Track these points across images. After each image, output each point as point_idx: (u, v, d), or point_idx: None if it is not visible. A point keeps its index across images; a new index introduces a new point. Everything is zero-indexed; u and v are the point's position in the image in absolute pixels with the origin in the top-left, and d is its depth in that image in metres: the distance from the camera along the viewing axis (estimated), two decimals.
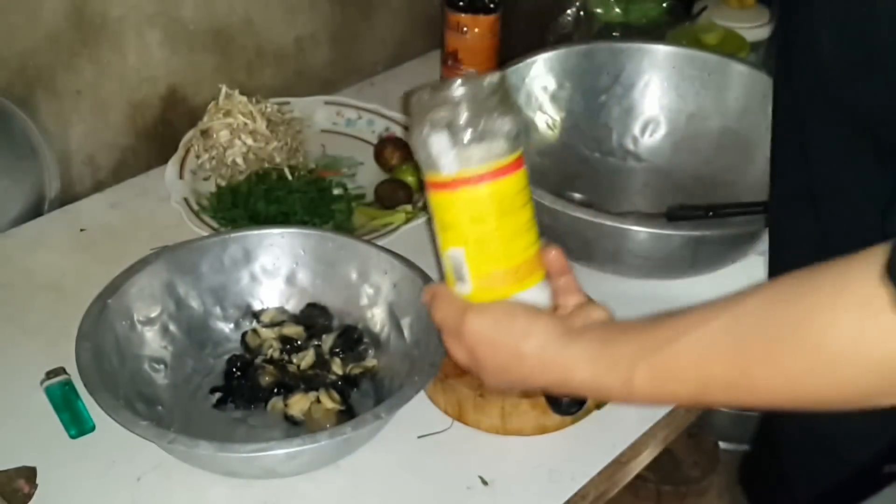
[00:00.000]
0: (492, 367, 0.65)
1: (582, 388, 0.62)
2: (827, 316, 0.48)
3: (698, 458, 1.55)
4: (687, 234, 0.89)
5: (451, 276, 0.67)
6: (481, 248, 0.65)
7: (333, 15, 1.30)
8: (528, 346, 0.62)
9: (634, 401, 0.60)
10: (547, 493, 0.77)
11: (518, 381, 0.65)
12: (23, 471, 0.76)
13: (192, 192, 1.07)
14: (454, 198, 0.64)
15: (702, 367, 0.55)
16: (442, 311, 0.67)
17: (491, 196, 0.64)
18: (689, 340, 0.55)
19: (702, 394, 0.56)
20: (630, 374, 0.57)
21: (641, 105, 1.13)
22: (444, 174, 0.64)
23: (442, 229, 0.66)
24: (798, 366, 0.50)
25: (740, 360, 0.53)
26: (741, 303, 0.53)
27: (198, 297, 0.87)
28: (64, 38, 1.04)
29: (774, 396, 0.53)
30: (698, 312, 0.56)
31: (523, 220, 0.66)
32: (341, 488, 0.77)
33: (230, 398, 0.83)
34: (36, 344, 0.88)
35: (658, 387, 0.57)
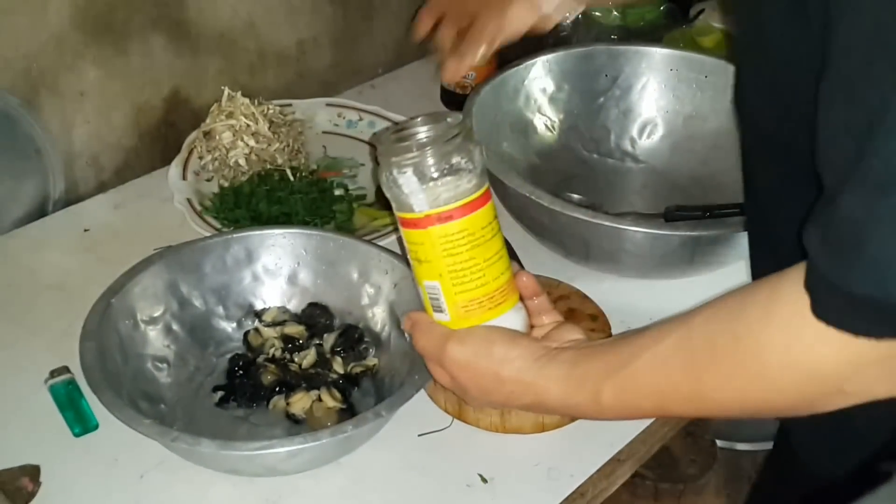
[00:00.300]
0: (474, 391, 0.70)
1: (556, 407, 0.67)
2: (762, 328, 0.52)
3: (696, 457, 1.55)
4: (684, 234, 0.90)
5: (428, 305, 0.72)
6: (456, 279, 0.69)
7: (335, 18, 1.31)
8: (507, 371, 0.67)
9: (605, 416, 0.65)
10: (546, 490, 0.77)
11: (499, 403, 0.71)
12: (26, 469, 0.76)
13: (194, 192, 1.07)
14: (426, 234, 0.68)
15: (659, 382, 0.59)
16: (423, 339, 0.72)
17: (461, 231, 0.67)
18: (646, 357, 0.59)
19: (663, 407, 0.61)
20: (597, 391, 0.62)
21: (639, 107, 1.13)
22: (415, 212, 0.67)
23: (417, 263, 0.70)
24: (742, 377, 0.54)
25: (692, 375, 0.57)
26: (690, 320, 0.57)
27: (200, 297, 0.88)
28: (68, 40, 1.05)
29: (726, 406, 0.58)
30: (655, 330, 0.60)
31: (494, 251, 0.70)
32: (342, 486, 0.77)
33: (232, 397, 0.84)
34: (40, 343, 0.89)
35: (624, 402, 0.62)
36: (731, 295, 0.56)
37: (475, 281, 0.69)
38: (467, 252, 0.68)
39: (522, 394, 0.67)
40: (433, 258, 0.68)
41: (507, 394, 0.67)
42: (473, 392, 0.70)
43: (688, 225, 0.89)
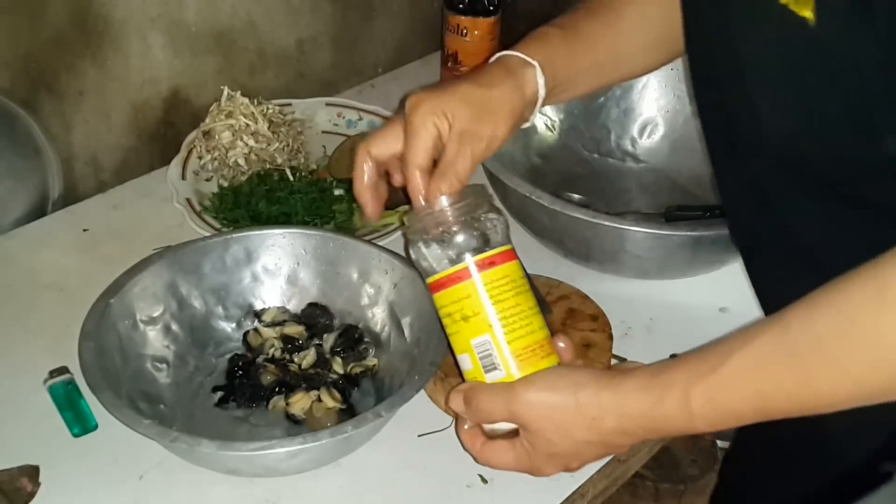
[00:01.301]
0: (552, 434, 0.64)
1: (640, 424, 0.61)
2: (879, 314, 0.51)
3: (696, 457, 1.55)
4: (685, 234, 0.90)
5: (479, 370, 0.68)
6: (507, 326, 0.67)
7: (335, 17, 1.31)
8: (584, 396, 0.62)
9: (697, 426, 0.59)
10: (546, 490, 0.77)
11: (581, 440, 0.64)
12: (26, 469, 0.76)
13: (194, 192, 1.07)
14: (471, 285, 0.67)
15: (759, 379, 0.56)
16: (484, 400, 0.66)
17: (505, 276, 0.68)
18: (740, 356, 0.56)
19: (764, 407, 0.57)
20: (686, 398, 0.58)
21: (640, 106, 1.13)
22: (458, 265, 0.67)
23: (462, 324, 0.68)
24: (860, 365, 0.52)
25: (797, 367, 0.55)
26: (783, 317, 0.55)
27: (200, 297, 0.88)
28: (67, 40, 1.05)
29: (838, 398, 0.55)
30: (740, 334, 0.57)
31: (533, 302, 0.69)
32: (342, 486, 0.77)
33: (232, 397, 0.84)
34: (39, 343, 0.89)
35: (718, 407, 0.58)
36: (824, 289, 0.54)
37: (525, 328, 0.67)
38: (513, 298, 0.67)
39: (604, 416, 0.62)
40: (480, 309, 0.67)
41: (587, 423, 0.62)
42: (551, 435, 0.64)
43: (688, 225, 0.89)
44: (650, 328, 0.94)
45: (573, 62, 0.77)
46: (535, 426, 0.64)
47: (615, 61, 0.80)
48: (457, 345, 0.69)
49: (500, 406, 0.65)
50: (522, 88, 0.74)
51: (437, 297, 0.69)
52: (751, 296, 0.78)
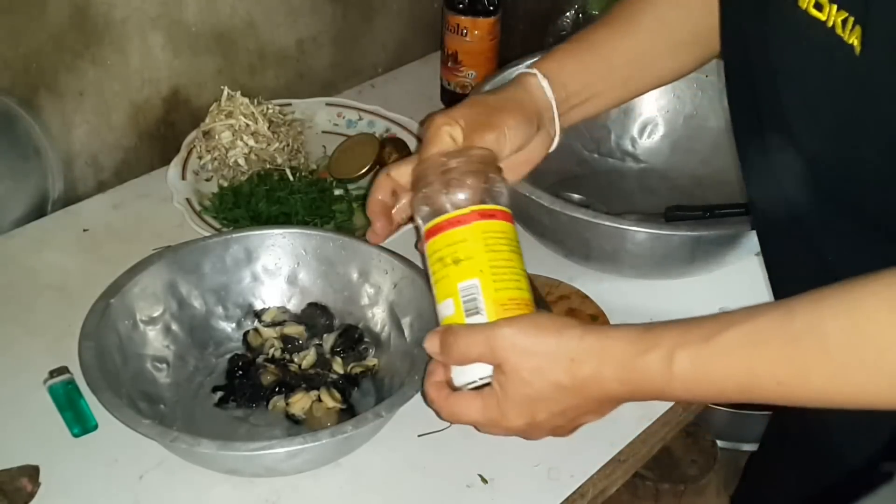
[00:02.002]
0: (525, 373, 0.61)
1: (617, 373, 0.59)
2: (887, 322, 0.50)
3: (696, 457, 1.55)
4: (685, 234, 0.90)
5: (460, 313, 0.67)
6: (497, 275, 0.67)
7: (335, 17, 1.31)
8: (567, 337, 0.60)
9: (674, 390, 0.57)
10: (546, 490, 0.77)
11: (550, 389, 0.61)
12: (26, 469, 0.76)
13: (194, 192, 1.07)
14: (469, 230, 0.68)
15: (752, 357, 0.54)
16: (463, 338, 0.63)
17: (503, 231, 0.69)
18: (737, 331, 0.55)
19: (749, 388, 0.56)
20: (670, 357, 0.56)
21: (640, 106, 1.13)
22: (463, 210, 0.68)
23: (451, 267, 0.68)
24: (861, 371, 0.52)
25: (796, 357, 0.53)
26: (791, 302, 0.54)
27: (200, 297, 0.88)
28: (67, 40, 1.05)
29: (830, 396, 0.54)
30: (743, 309, 0.55)
31: (524, 266, 0.70)
32: (342, 486, 0.77)
33: (232, 397, 0.84)
34: (39, 343, 0.89)
35: (700, 376, 0.56)
36: (836, 287, 0.53)
37: (514, 282, 0.67)
38: (508, 252, 0.68)
39: (583, 360, 0.59)
40: (475, 254, 0.67)
41: (566, 362, 0.59)
42: (525, 373, 0.60)
43: (688, 225, 0.89)
44: None
45: (586, 71, 0.77)
46: (511, 363, 0.61)
47: (637, 68, 0.80)
48: (442, 290, 0.68)
49: (478, 342, 0.62)
50: (529, 91, 0.75)
51: (432, 242, 0.69)
52: (751, 296, 0.78)
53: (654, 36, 0.79)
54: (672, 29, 0.79)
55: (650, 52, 0.80)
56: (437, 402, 0.66)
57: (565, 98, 0.76)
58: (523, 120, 0.73)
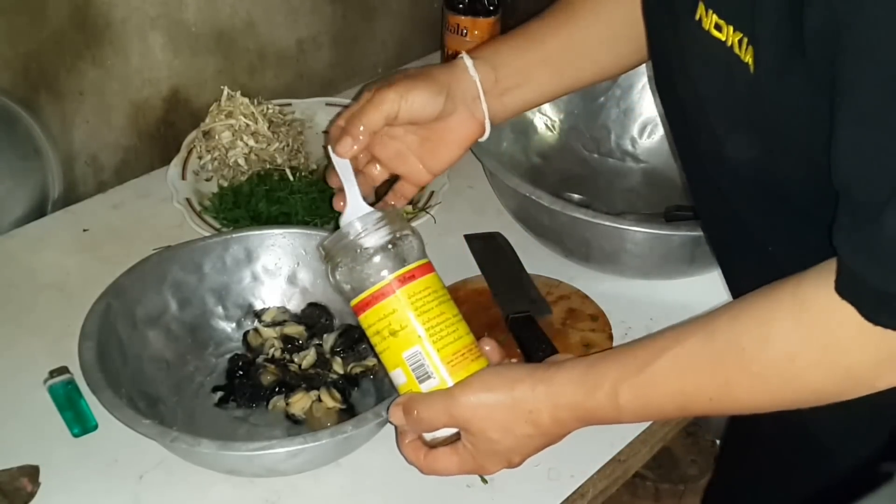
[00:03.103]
0: (493, 432, 0.66)
1: (573, 414, 0.64)
2: (795, 333, 0.55)
3: (696, 457, 1.55)
4: (685, 234, 0.90)
5: (413, 381, 0.70)
6: (435, 335, 0.69)
7: (335, 17, 1.31)
8: (520, 391, 0.65)
9: (624, 419, 0.63)
10: (546, 490, 0.77)
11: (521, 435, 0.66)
12: (26, 469, 0.76)
13: (194, 192, 1.07)
14: (395, 300, 0.69)
15: (684, 381, 0.60)
16: (424, 410, 0.67)
17: (426, 288, 0.70)
18: (668, 357, 0.60)
19: (686, 406, 0.62)
20: (615, 392, 0.61)
21: (640, 106, 1.13)
22: (381, 282, 0.69)
23: (391, 339, 0.70)
24: (775, 379, 0.57)
25: (719, 373, 0.58)
26: (712, 322, 0.59)
27: (200, 297, 0.88)
28: (67, 40, 1.05)
29: (754, 405, 0.59)
30: (673, 333, 0.61)
31: (455, 311, 0.72)
32: (342, 486, 0.77)
33: (232, 397, 0.84)
34: (39, 343, 0.89)
35: (644, 404, 0.62)
36: (750, 297, 0.58)
37: (452, 334, 0.70)
38: (437, 307, 0.70)
39: (540, 410, 0.64)
40: (408, 321, 0.69)
41: (525, 415, 0.65)
42: (492, 433, 0.66)
43: (688, 225, 0.89)
44: (650, 328, 0.94)
45: (520, 57, 0.79)
46: (476, 427, 0.66)
47: (572, 57, 0.81)
48: (388, 361, 0.71)
49: (440, 412, 0.67)
50: (452, 71, 0.77)
51: (364, 318, 0.71)
52: None
53: (590, 27, 0.80)
54: (608, 22, 0.81)
55: (585, 42, 0.81)
56: (416, 462, 0.71)
57: (495, 81, 0.77)
58: (429, 89, 0.74)
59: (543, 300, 0.91)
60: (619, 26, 0.81)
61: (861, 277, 0.52)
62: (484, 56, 0.78)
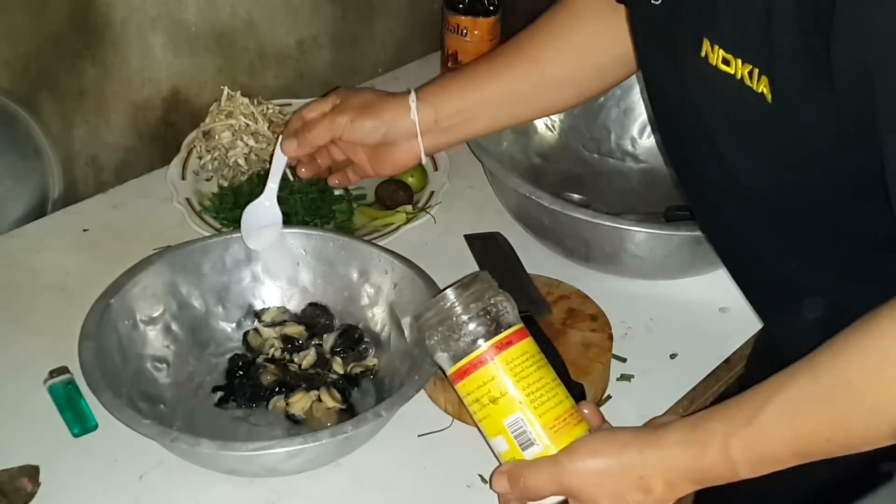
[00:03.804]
0: (603, 501, 0.65)
1: (686, 476, 0.63)
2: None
3: None
4: (685, 234, 0.90)
5: (515, 449, 0.69)
6: (536, 400, 0.69)
7: (335, 17, 1.31)
8: (628, 457, 0.64)
9: (740, 474, 0.62)
10: None
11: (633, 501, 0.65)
12: (26, 469, 0.76)
13: (194, 192, 1.07)
14: (493, 367, 0.69)
15: (795, 426, 0.59)
16: (531, 478, 0.67)
17: (524, 353, 0.70)
18: (775, 404, 0.59)
19: (804, 451, 0.60)
20: (726, 449, 0.60)
21: (640, 106, 1.13)
22: (477, 350, 0.69)
23: (491, 407, 0.69)
24: (889, 405, 0.55)
25: (831, 413, 0.57)
26: (815, 360, 0.58)
27: (200, 297, 0.88)
28: (67, 40, 1.05)
29: (878, 435, 0.57)
30: (776, 378, 0.60)
31: (553, 374, 0.71)
32: (342, 486, 0.77)
33: (232, 397, 0.84)
34: (39, 343, 0.89)
35: (758, 456, 0.60)
36: (849, 332, 0.57)
37: (553, 399, 0.69)
38: (536, 373, 0.69)
39: (651, 475, 0.63)
40: (506, 388, 0.69)
41: (636, 483, 0.64)
42: (603, 501, 0.65)
43: (688, 225, 0.89)
44: (650, 328, 0.94)
45: (461, 99, 0.86)
46: (585, 494, 0.65)
47: (508, 103, 0.88)
48: (489, 428, 0.70)
49: (548, 480, 0.66)
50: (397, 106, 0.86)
51: (461, 386, 0.71)
52: None
53: (527, 78, 0.86)
54: (546, 72, 0.86)
55: (521, 91, 0.87)
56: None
57: (435, 121, 0.86)
58: (373, 122, 0.85)
59: (543, 300, 0.91)
60: (559, 73, 0.86)
61: None
62: (427, 98, 0.86)
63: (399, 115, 0.85)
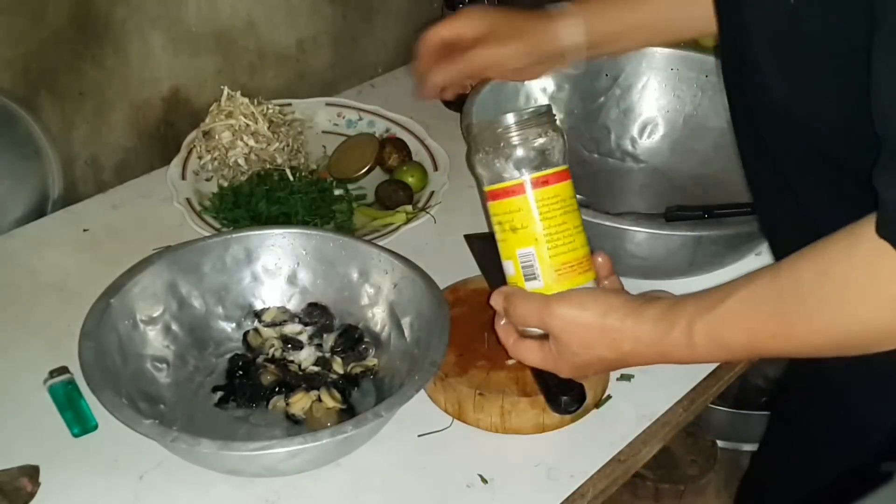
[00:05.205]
0: (576, 346, 0.71)
1: (651, 349, 0.68)
2: (846, 266, 0.57)
3: (696, 457, 1.55)
4: (685, 234, 0.90)
5: (520, 277, 0.74)
6: (551, 242, 0.73)
7: (335, 17, 1.31)
8: (611, 319, 0.69)
9: (697, 356, 0.66)
10: (546, 491, 0.77)
11: (598, 357, 0.71)
12: (26, 469, 0.76)
13: (194, 192, 1.07)
14: (524, 200, 0.73)
15: (749, 318, 0.63)
16: (521, 306, 0.73)
17: (556, 196, 0.73)
18: (737, 297, 0.63)
19: (752, 344, 0.64)
20: (689, 330, 0.65)
21: (640, 106, 1.13)
22: (514, 178, 0.73)
23: (511, 233, 0.74)
24: (828, 312, 0.59)
25: (780, 312, 0.61)
26: (779, 264, 0.62)
27: (200, 297, 0.88)
28: (67, 40, 1.05)
29: (813, 343, 0.61)
30: (746, 275, 0.64)
31: (579, 220, 0.75)
32: (342, 486, 0.77)
33: (232, 397, 0.84)
34: (39, 343, 0.89)
35: (714, 341, 0.64)
36: (812, 245, 0.60)
37: (567, 245, 0.73)
38: (561, 216, 0.73)
39: (623, 339, 0.68)
40: (529, 223, 0.73)
41: (609, 342, 0.69)
42: (576, 348, 0.70)
43: (689, 225, 0.89)
44: None
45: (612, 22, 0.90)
46: (562, 338, 0.71)
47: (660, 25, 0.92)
48: (503, 251, 0.76)
49: (533, 314, 0.72)
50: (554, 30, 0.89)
51: (491, 206, 0.75)
52: None
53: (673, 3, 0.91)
54: None
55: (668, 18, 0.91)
56: (505, 342, 0.77)
57: (584, 45, 0.89)
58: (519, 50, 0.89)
59: None
60: None
61: None
62: (582, 16, 0.89)
63: (548, 38, 0.89)
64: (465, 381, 0.81)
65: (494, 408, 0.80)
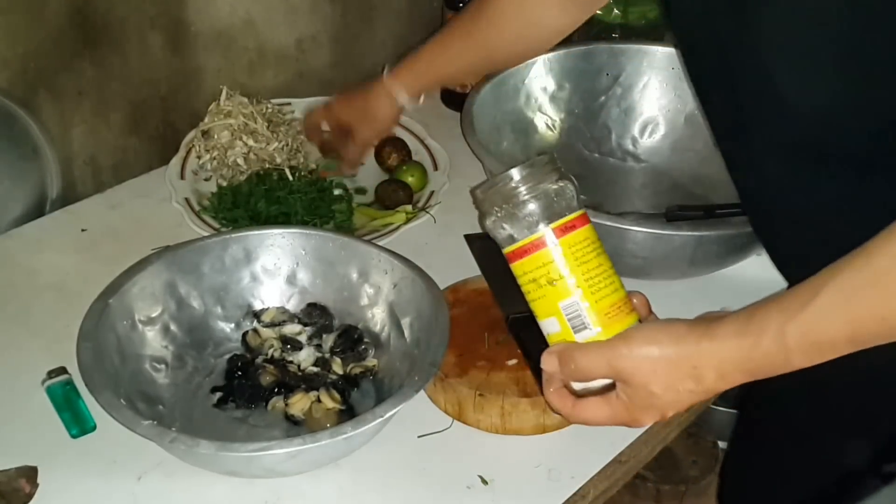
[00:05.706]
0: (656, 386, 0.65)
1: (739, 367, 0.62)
2: None
3: (697, 458, 1.55)
4: (686, 234, 0.89)
5: (568, 331, 0.69)
6: (593, 286, 0.69)
7: (334, 16, 1.31)
8: (684, 348, 0.64)
9: (794, 363, 0.61)
10: (546, 492, 0.77)
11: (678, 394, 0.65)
12: (24, 470, 0.76)
13: (193, 192, 1.07)
14: (555, 249, 0.69)
15: (851, 307, 0.58)
16: (582, 359, 0.67)
17: (586, 238, 0.70)
18: (830, 288, 0.58)
19: (858, 334, 0.59)
20: (782, 336, 0.60)
21: (640, 106, 1.13)
22: (538, 232, 0.69)
23: (548, 288, 0.69)
24: None
25: (886, 290, 0.57)
26: (868, 247, 0.58)
27: (199, 297, 0.88)
28: (66, 39, 1.04)
29: None
30: (829, 268, 0.59)
31: (610, 263, 0.71)
32: (342, 487, 0.77)
33: (231, 398, 0.83)
34: (37, 343, 0.88)
35: (813, 340, 0.59)
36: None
37: (610, 286, 0.69)
38: (595, 259, 0.70)
39: (704, 365, 0.63)
40: (566, 272, 0.69)
41: (690, 371, 0.64)
42: (654, 387, 0.65)
43: (689, 225, 0.89)
44: None
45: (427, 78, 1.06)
46: (637, 380, 0.65)
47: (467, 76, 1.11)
48: (541, 309, 0.70)
49: (600, 363, 0.66)
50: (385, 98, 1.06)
51: (520, 265, 0.70)
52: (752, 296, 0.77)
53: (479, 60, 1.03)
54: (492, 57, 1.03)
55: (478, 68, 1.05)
56: (563, 410, 0.70)
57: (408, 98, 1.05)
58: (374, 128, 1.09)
59: None
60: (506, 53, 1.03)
61: None
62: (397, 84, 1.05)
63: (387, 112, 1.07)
64: (465, 381, 0.81)
65: (495, 408, 0.80)
